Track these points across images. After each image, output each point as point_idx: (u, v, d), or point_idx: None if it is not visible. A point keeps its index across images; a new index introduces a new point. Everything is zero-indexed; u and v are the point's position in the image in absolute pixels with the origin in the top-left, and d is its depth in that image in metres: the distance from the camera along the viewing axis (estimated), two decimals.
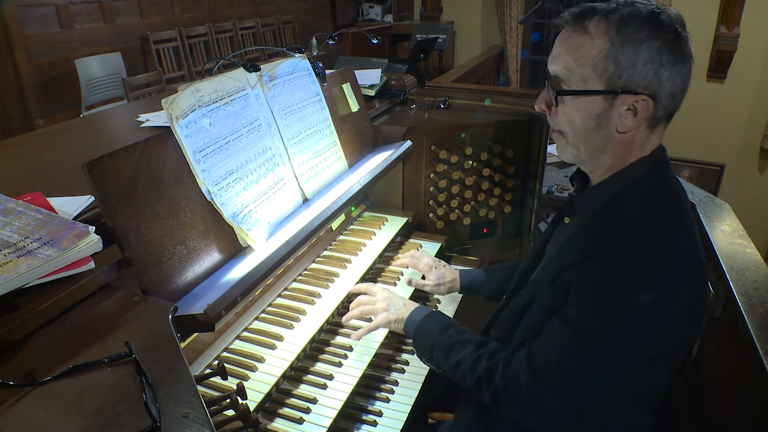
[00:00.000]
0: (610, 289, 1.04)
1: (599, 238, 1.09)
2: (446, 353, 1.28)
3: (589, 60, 1.06)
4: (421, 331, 1.35)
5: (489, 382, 1.18)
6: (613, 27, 1.04)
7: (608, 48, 1.03)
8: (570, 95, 1.10)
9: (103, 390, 0.82)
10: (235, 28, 6.73)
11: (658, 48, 1.02)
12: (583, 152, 1.15)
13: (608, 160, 1.14)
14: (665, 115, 1.10)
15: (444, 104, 2.30)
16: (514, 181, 2.13)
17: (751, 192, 5.88)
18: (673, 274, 1.03)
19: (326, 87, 1.81)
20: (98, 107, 4.80)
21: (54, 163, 1.54)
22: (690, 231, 1.10)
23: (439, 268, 1.72)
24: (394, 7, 8.51)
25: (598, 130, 1.10)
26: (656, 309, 1.02)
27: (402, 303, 1.45)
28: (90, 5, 5.13)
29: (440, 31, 5.55)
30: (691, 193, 1.72)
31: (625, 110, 1.07)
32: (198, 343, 1.30)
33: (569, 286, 1.10)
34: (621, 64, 1.03)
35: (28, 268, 0.96)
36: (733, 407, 1.32)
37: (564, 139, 1.17)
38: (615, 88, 1.05)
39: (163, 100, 1.23)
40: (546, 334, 1.13)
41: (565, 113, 1.13)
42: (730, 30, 5.61)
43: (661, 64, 1.02)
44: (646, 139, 1.12)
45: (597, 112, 1.08)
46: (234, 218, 1.33)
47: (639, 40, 1.02)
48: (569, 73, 1.09)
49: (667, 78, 1.03)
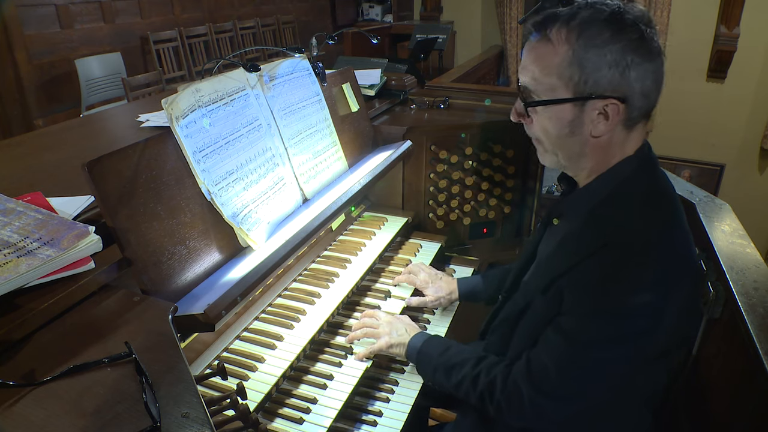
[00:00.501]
0: (606, 292, 1.03)
1: (591, 241, 1.07)
2: (447, 374, 1.29)
3: (553, 69, 1.05)
4: (422, 357, 1.37)
5: (491, 397, 1.19)
6: (573, 33, 1.02)
7: (570, 55, 1.03)
8: (540, 105, 1.10)
9: (103, 390, 0.82)
10: (235, 28, 6.73)
11: (621, 49, 1.00)
12: (562, 158, 1.16)
13: (589, 163, 1.14)
14: (641, 114, 1.08)
15: (444, 104, 2.30)
16: (513, 181, 2.13)
17: (751, 192, 5.88)
18: (670, 274, 1.02)
19: (326, 87, 1.81)
20: (98, 107, 4.80)
21: (54, 163, 1.54)
22: (682, 229, 1.09)
23: (435, 282, 1.70)
24: (394, 7, 8.51)
25: (572, 136, 1.10)
26: (655, 309, 1.01)
27: (404, 329, 1.45)
28: (90, 5, 5.13)
29: (440, 31, 5.55)
30: (691, 193, 1.72)
31: (597, 115, 1.06)
32: (198, 343, 1.30)
33: (562, 293, 1.09)
34: (585, 70, 1.02)
35: (28, 268, 0.96)
36: (733, 407, 1.32)
37: (542, 146, 1.18)
38: (582, 95, 1.04)
39: (163, 100, 1.23)
40: (543, 344, 1.12)
41: (539, 122, 1.13)
42: (730, 30, 5.62)
43: (626, 65, 1.01)
44: (625, 140, 1.11)
45: (569, 119, 1.08)
46: (234, 218, 1.33)
47: (601, 44, 1.01)
48: (536, 84, 1.09)
49: (635, 78, 1.02)
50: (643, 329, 1.02)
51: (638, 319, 1.02)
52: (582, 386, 1.09)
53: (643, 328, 1.02)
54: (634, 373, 1.10)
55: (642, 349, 1.05)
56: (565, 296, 1.08)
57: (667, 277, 1.02)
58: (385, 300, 1.69)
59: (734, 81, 5.79)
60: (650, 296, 1.01)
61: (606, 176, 1.13)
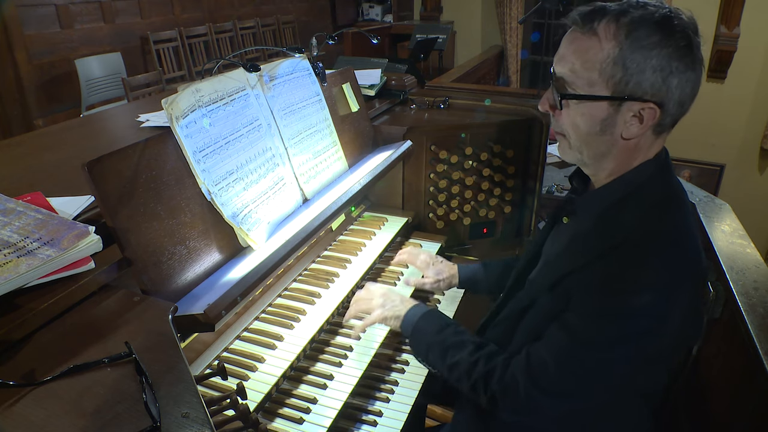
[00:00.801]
0: (612, 294, 1.03)
1: (601, 242, 1.07)
2: (443, 355, 1.25)
3: (596, 64, 1.03)
4: (417, 331, 1.32)
5: (486, 386, 1.17)
6: (623, 31, 1.00)
7: (617, 53, 1.00)
8: (575, 99, 1.08)
9: (103, 390, 0.82)
10: (235, 28, 6.73)
11: (668, 55, 0.98)
12: (586, 156, 1.14)
13: (611, 164, 1.13)
14: (672, 122, 1.08)
15: (444, 104, 2.30)
16: (514, 181, 2.13)
17: (751, 192, 5.88)
18: (675, 278, 1.01)
19: (326, 87, 1.81)
20: (98, 107, 4.80)
21: (54, 163, 1.53)
22: (692, 234, 1.08)
23: (436, 264, 1.71)
24: (394, 7, 8.51)
25: (602, 135, 1.08)
26: (659, 313, 1.01)
27: (399, 300, 1.41)
28: (90, 5, 5.13)
29: (440, 31, 5.55)
30: (691, 193, 1.72)
31: (631, 117, 1.04)
32: (198, 343, 1.30)
33: (570, 292, 1.09)
34: (629, 71, 1.00)
35: (28, 268, 0.96)
36: (733, 407, 1.32)
37: (567, 140, 1.15)
38: (621, 95, 1.03)
39: (163, 100, 1.23)
40: (545, 340, 1.12)
41: (569, 116, 1.10)
42: (730, 30, 5.62)
43: (670, 71, 0.99)
44: (651, 145, 1.10)
45: (602, 118, 1.06)
46: (234, 218, 1.33)
47: (649, 46, 0.98)
48: (575, 77, 1.06)
49: (676, 86, 1.01)
50: (646, 330, 1.02)
51: (641, 319, 1.01)
52: (580, 384, 1.08)
53: (645, 329, 1.02)
54: (635, 374, 1.10)
55: (643, 349, 1.05)
56: (572, 295, 1.08)
57: (671, 282, 1.01)
58: None
59: (734, 81, 5.79)
60: (654, 300, 1.00)
61: (624, 178, 1.12)
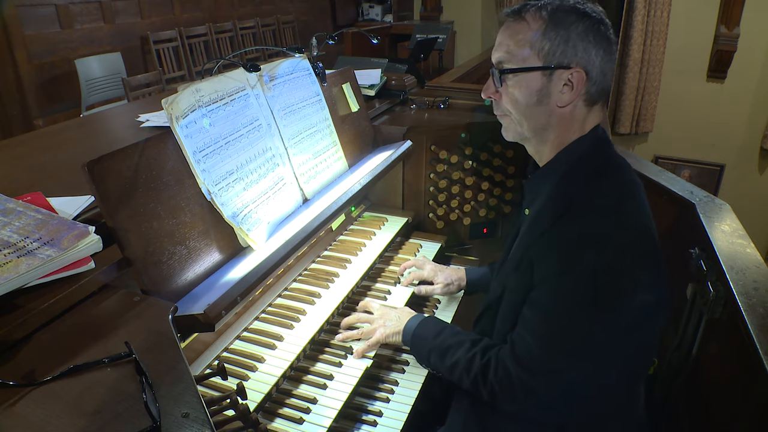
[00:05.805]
0: (570, 255, 1.11)
1: (552, 212, 1.17)
2: (442, 357, 1.32)
3: (527, 41, 1.19)
4: (417, 340, 1.40)
5: (484, 380, 1.22)
6: (545, 12, 1.18)
7: (543, 29, 1.18)
8: (512, 73, 1.22)
9: (103, 390, 0.82)
10: (235, 28, 6.73)
11: (585, 28, 1.16)
12: (526, 129, 1.25)
13: (552, 135, 1.24)
14: (599, 92, 1.21)
15: (444, 104, 2.30)
16: (514, 181, 2.13)
17: (751, 192, 5.87)
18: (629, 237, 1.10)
19: (326, 87, 1.81)
20: (98, 107, 4.80)
21: (54, 163, 1.54)
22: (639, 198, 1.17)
23: (444, 271, 1.76)
24: (394, 7, 8.50)
25: (540, 105, 1.21)
26: (617, 269, 1.08)
27: (396, 316, 1.48)
28: (90, 5, 5.13)
29: (440, 31, 5.54)
30: (691, 193, 1.72)
31: (563, 85, 1.19)
32: (198, 343, 1.30)
33: (532, 264, 1.16)
34: (555, 42, 1.16)
35: (28, 268, 0.96)
36: (733, 407, 1.32)
37: (509, 118, 1.27)
38: (551, 64, 1.17)
39: (163, 100, 1.23)
40: (521, 323, 1.18)
41: (508, 93, 1.23)
42: (730, 30, 5.61)
43: (590, 41, 1.16)
44: (585, 117, 1.22)
45: (537, 88, 1.19)
46: (234, 218, 1.33)
47: (569, 22, 1.16)
48: (510, 56, 1.21)
49: (596, 54, 1.17)
50: (610, 291, 1.09)
51: (602, 281, 1.08)
52: (563, 359, 1.14)
53: (609, 290, 1.09)
54: (616, 343, 1.14)
55: (613, 312, 1.10)
56: (534, 266, 1.15)
57: (624, 240, 1.10)
58: (385, 300, 1.69)
59: (734, 81, 5.78)
60: (610, 258, 1.08)
61: (566, 151, 1.24)
